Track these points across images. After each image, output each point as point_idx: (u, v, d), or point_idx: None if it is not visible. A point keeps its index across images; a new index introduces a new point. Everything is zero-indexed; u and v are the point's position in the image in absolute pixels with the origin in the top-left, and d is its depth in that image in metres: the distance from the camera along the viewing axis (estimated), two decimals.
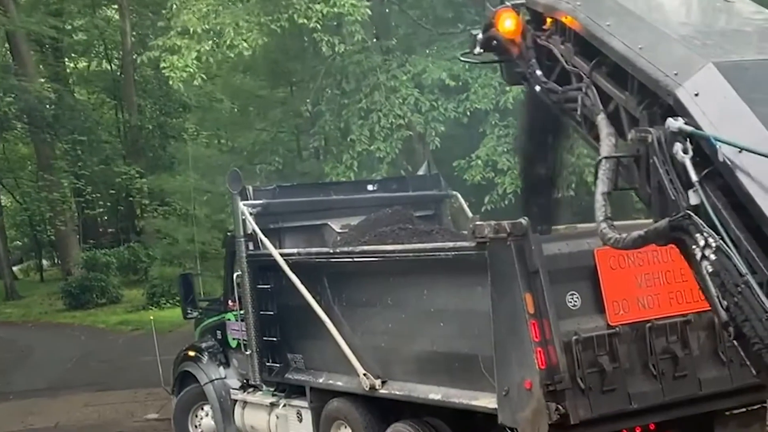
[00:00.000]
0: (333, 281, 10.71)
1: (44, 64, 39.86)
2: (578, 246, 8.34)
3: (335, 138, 21.33)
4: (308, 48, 22.35)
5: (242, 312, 12.01)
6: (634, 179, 5.93)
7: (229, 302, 12.70)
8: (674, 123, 5.42)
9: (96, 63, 44.74)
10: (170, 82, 19.67)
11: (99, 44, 42.74)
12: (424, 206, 13.13)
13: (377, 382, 9.93)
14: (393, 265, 9.87)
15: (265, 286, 11.75)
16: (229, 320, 12.79)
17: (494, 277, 8.24)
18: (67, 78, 41.61)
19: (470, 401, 8.81)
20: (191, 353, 13.55)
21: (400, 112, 19.40)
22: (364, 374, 10.00)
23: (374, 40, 20.85)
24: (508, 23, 7.72)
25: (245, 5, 19.47)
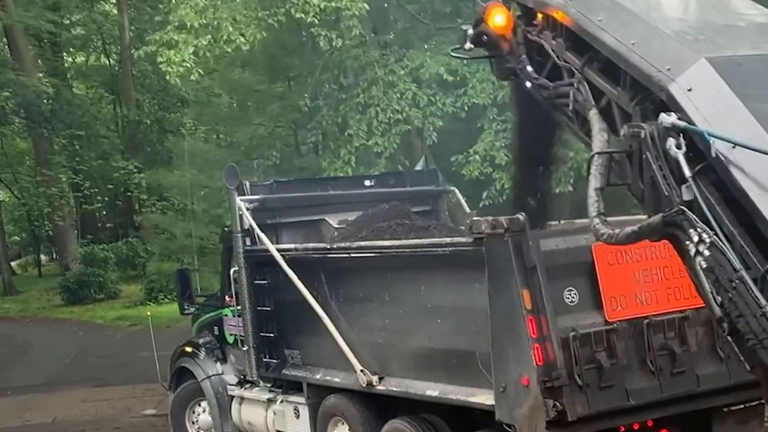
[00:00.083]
0: (330, 277, 10.67)
1: (42, 59, 39.81)
2: (576, 242, 8.30)
3: (333, 133, 21.31)
4: (306, 43, 22.31)
5: (239, 308, 12.00)
6: (627, 175, 5.91)
7: (226, 298, 12.66)
8: (667, 118, 5.40)
9: (94, 58, 44.69)
10: (167, 77, 19.63)
11: (97, 39, 42.69)
12: (422, 202, 13.09)
13: (374, 379, 9.91)
14: (390, 261, 9.84)
15: (262, 282, 11.72)
16: (227, 316, 12.75)
17: (491, 273, 8.21)
18: (65, 73, 41.52)
19: (467, 398, 8.78)
20: (188, 349, 13.51)
21: (398, 107, 19.38)
22: (362, 370, 9.98)
23: (372, 35, 20.81)
24: (499, 19, 7.69)
25: (243, 0, 19.42)
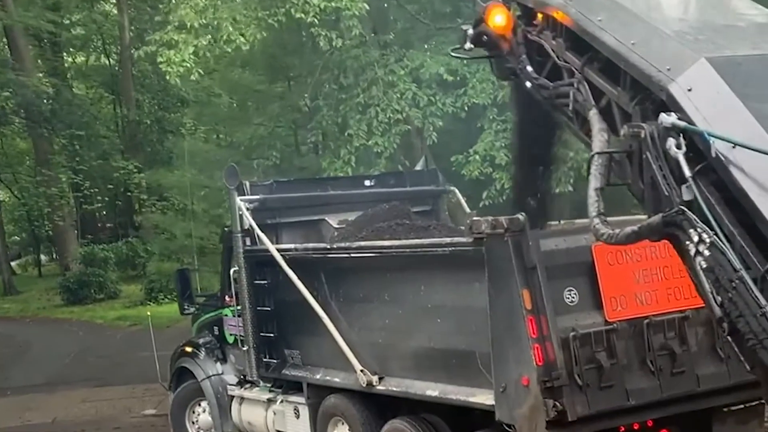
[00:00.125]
0: (330, 277, 10.66)
1: (42, 59, 39.79)
2: (576, 242, 8.30)
3: (333, 133, 21.30)
4: (306, 43, 22.30)
5: (239, 308, 11.99)
6: (627, 175, 5.91)
7: (226, 298, 12.66)
8: (667, 118, 5.40)
9: (94, 58, 44.67)
10: (167, 77, 19.63)
11: (97, 39, 42.68)
12: (422, 201, 13.09)
13: (374, 379, 9.90)
14: (390, 261, 9.84)
15: (262, 282, 11.71)
16: (226, 316, 12.74)
17: (491, 273, 8.21)
18: (65, 72, 41.50)
19: (467, 398, 8.77)
20: (188, 349, 13.51)
21: (398, 107, 19.37)
22: (362, 370, 9.97)
23: (372, 35, 20.80)
24: (499, 19, 7.68)
25: (243, 0, 19.41)
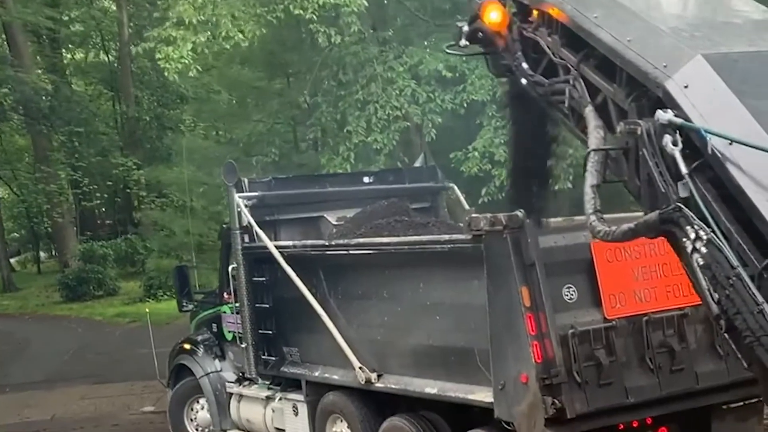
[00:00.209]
0: (329, 274, 10.65)
1: (41, 55, 39.72)
2: (575, 239, 8.28)
3: (332, 129, 21.26)
4: (305, 39, 22.26)
5: (238, 305, 11.98)
6: (623, 172, 5.90)
7: (225, 295, 12.64)
8: (664, 115, 5.39)
9: (93, 54, 44.62)
10: (166, 74, 19.59)
11: (96, 35, 42.64)
12: (421, 198, 13.06)
13: (373, 376, 9.89)
14: (389, 258, 9.82)
15: (261, 279, 11.70)
16: (225, 313, 12.73)
17: (490, 270, 8.19)
18: (64, 69, 41.45)
19: (466, 395, 8.76)
20: (187, 346, 13.49)
21: (397, 104, 19.36)
22: (360, 368, 9.96)
23: (371, 32, 20.77)
24: (494, 15, 7.65)
25: None
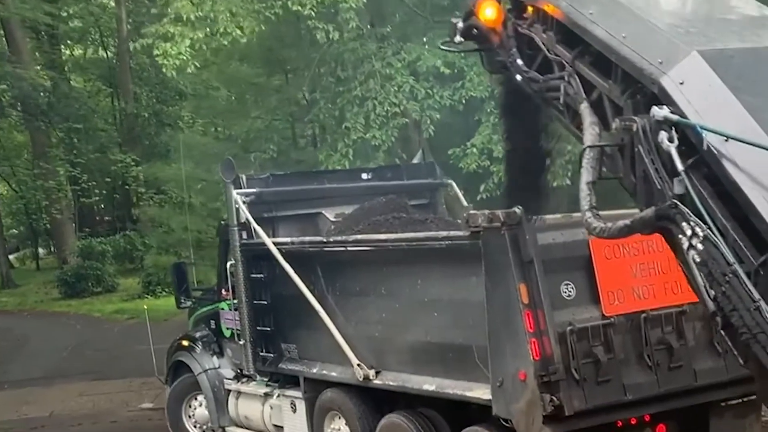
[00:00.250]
0: (327, 271, 10.64)
1: (40, 51, 39.60)
2: (573, 235, 8.27)
3: (330, 126, 21.24)
4: (304, 36, 22.22)
5: (236, 301, 11.97)
6: (619, 168, 5.89)
7: (223, 291, 12.62)
8: (659, 111, 5.38)
9: (92, 50, 44.51)
10: (164, 70, 19.56)
11: (94, 31, 42.48)
12: (419, 195, 13.05)
13: (371, 373, 9.88)
14: (387, 255, 9.80)
15: (259, 276, 11.69)
16: (223, 310, 12.72)
17: (488, 267, 8.18)
18: (63, 65, 41.34)
19: (464, 392, 8.75)
20: (185, 343, 13.49)
21: (396, 100, 19.31)
22: (358, 364, 9.95)
23: (369, 28, 20.72)
24: (489, 12, 7.63)
25: None
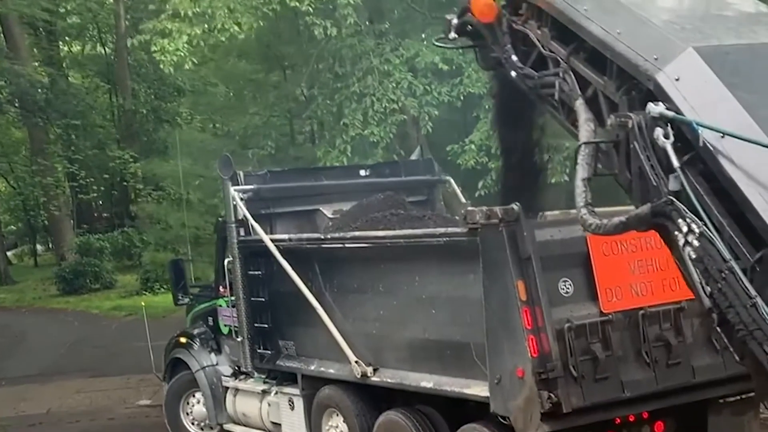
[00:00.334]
0: (324, 267, 10.61)
1: (38, 48, 39.58)
2: (571, 232, 8.21)
3: (328, 122, 21.21)
4: (302, 32, 22.20)
5: (233, 298, 11.94)
6: (614, 165, 5.87)
7: (221, 288, 12.61)
8: (655, 108, 5.36)
9: (90, 47, 44.50)
10: (161, 66, 19.54)
11: (93, 28, 42.46)
12: (417, 191, 13.03)
13: (369, 370, 9.86)
14: (384, 251, 9.78)
15: (257, 273, 11.66)
16: (221, 307, 12.70)
17: (486, 264, 8.16)
18: (61, 62, 41.31)
19: (462, 389, 8.73)
20: (182, 340, 13.46)
21: (394, 97, 19.28)
22: (356, 361, 9.93)
23: (367, 24, 20.69)
24: (484, 8, 7.59)
25: None
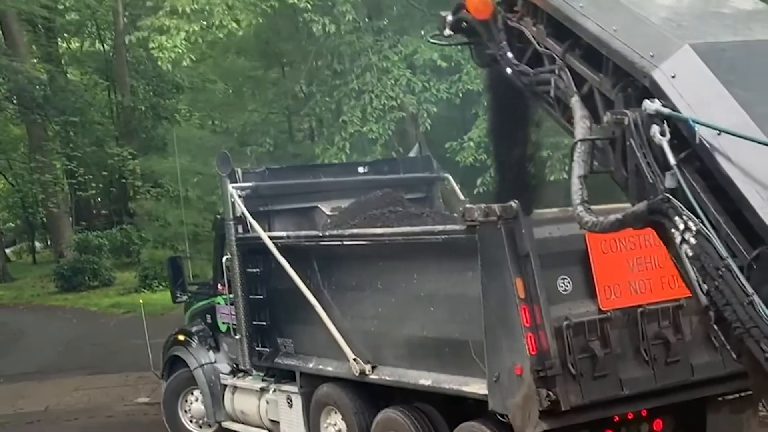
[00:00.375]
0: (322, 265, 10.61)
1: (36, 44, 39.54)
2: (569, 230, 8.17)
3: (327, 119, 21.18)
4: (301, 29, 22.16)
5: (232, 296, 11.93)
6: (610, 162, 5.85)
7: (219, 286, 12.61)
8: (651, 105, 5.35)
9: (88, 43, 44.44)
10: (159, 63, 19.51)
11: (91, 24, 42.40)
12: (416, 189, 12.99)
13: (367, 368, 9.86)
14: (383, 249, 9.77)
15: (255, 270, 11.65)
16: (219, 304, 12.69)
17: (484, 261, 8.14)
18: (60, 58, 41.28)
19: (460, 387, 8.72)
20: (181, 337, 13.45)
21: (393, 93, 19.26)
22: (354, 359, 9.92)
23: (366, 21, 20.66)
24: (479, 5, 7.57)
25: None
